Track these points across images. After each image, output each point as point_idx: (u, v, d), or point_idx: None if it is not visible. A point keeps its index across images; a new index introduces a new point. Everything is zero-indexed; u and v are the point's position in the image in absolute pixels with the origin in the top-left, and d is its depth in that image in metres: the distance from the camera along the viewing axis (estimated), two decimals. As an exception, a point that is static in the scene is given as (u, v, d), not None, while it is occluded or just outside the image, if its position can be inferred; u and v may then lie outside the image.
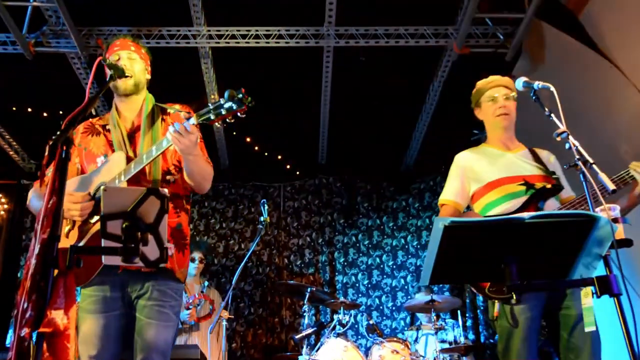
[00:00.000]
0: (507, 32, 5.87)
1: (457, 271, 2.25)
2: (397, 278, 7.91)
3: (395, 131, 7.69)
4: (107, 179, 2.82)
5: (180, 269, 2.94)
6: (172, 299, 2.89)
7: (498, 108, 3.39)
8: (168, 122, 3.09)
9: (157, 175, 2.92)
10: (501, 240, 2.13)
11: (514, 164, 3.33)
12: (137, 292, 2.84)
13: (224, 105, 2.52)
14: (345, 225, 8.33)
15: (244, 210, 8.41)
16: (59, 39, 5.92)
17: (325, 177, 8.51)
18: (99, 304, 2.81)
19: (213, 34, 5.93)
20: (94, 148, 3.04)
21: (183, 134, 2.61)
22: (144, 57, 3.19)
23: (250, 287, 8.04)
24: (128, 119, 3.11)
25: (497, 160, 3.37)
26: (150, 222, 2.02)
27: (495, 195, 3.27)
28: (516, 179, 3.24)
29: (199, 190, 3.06)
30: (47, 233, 1.85)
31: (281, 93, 6.87)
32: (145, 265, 2.04)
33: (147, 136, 3.00)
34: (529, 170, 3.28)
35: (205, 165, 2.97)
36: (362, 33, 5.92)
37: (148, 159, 2.73)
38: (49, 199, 1.92)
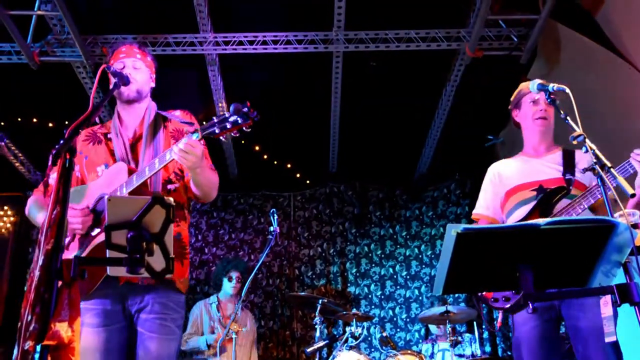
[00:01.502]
0: (521, 34, 5.84)
1: (471, 280, 2.23)
2: (410, 289, 7.87)
3: (407, 137, 7.67)
4: (108, 191, 2.83)
5: (181, 279, 2.95)
6: (174, 312, 2.89)
7: (539, 111, 3.38)
8: (169, 129, 3.10)
9: (157, 184, 2.93)
10: (516, 248, 2.11)
11: (535, 169, 3.34)
12: (137, 305, 2.84)
13: (229, 119, 2.54)
14: (357, 235, 8.31)
15: (254, 221, 8.41)
16: (64, 48, 5.97)
17: (336, 186, 8.50)
18: (100, 318, 2.82)
19: (220, 40, 5.95)
20: (94, 157, 3.05)
21: (188, 150, 2.62)
22: (149, 65, 3.21)
23: (261, 299, 8.04)
24: (130, 127, 3.11)
25: (521, 167, 3.39)
26: (155, 232, 2.02)
27: (512, 203, 3.30)
28: (531, 184, 3.26)
29: (205, 200, 3.08)
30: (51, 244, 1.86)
31: (290, 100, 6.88)
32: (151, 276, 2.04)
33: (149, 145, 3.01)
34: (547, 175, 3.28)
35: (211, 175, 2.98)
36: (372, 37, 5.92)
37: (150, 171, 2.75)
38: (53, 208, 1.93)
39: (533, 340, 2.97)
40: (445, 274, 2.12)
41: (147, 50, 3.25)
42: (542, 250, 2.13)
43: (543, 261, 2.14)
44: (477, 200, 3.54)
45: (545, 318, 3.02)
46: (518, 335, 3.05)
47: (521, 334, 3.02)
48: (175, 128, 3.10)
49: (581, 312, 2.98)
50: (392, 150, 7.84)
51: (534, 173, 3.32)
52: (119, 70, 3.02)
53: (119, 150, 3.01)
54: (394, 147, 7.78)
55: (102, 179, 2.94)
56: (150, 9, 5.81)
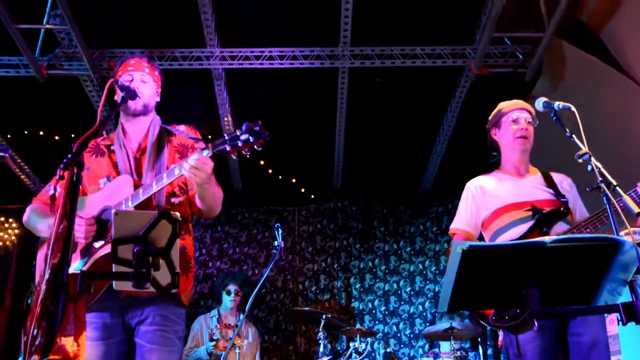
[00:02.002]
0: (526, 52, 5.86)
1: (477, 297, 2.23)
2: (415, 304, 7.85)
3: (412, 153, 7.68)
4: (112, 203, 2.82)
5: (185, 292, 2.94)
6: (175, 324, 2.88)
7: (519, 130, 3.40)
8: (174, 143, 3.10)
9: (161, 197, 2.92)
10: (522, 265, 2.11)
11: (524, 189, 3.34)
12: (138, 318, 2.83)
13: (240, 137, 2.53)
14: (362, 250, 8.30)
15: (258, 235, 8.42)
16: (72, 62, 6.01)
17: (341, 201, 8.51)
18: (99, 331, 2.80)
19: (226, 55, 5.98)
20: (97, 169, 3.04)
21: (199, 167, 2.62)
22: (157, 79, 3.21)
23: (264, 314, 8.02)
24: (134, 140, 3.11)
25: (507, 186, 3.40)
26: (161, 247, 2.02)
27: (503, 221, 3.30)
28: (524, 204, 3.26)
29: (209, 215, 3.07)
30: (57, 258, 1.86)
31: (295, 115, 6.90)
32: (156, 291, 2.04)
33: (154, 159, 3.01)
34: (538, 196, 3.30)
35: (218, 190, 2.98)
36: (378, 53, 5.95)
37: (158, 186, 2.74)
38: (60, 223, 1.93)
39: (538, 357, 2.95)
40: (451, 291, 2.12)
41: (155, 64, 3.26)
42: (548, 268, 2.12)
43: (549, 279, 2.14)
44: (457, 214, 3.54)
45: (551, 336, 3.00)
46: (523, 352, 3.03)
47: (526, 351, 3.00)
48: (180, 143, 3.11)
49: (583, 328, 2.98)
50: (397, 166, 7.85)
51: (524, 193, 3.32)
52: (127, 83, 3.03)
53: (122, 163, 3.01)
54: (399, 162, 7.79)
55: (105, 191, 2.93)
56: (158, 24, 5.85)
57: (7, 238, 8.26)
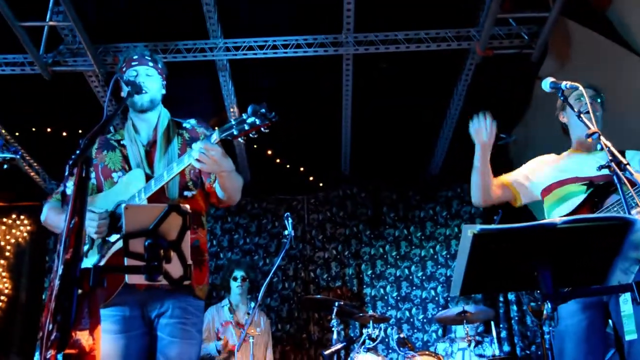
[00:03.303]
0: (531, 32, 5.81)
1: (489, 281, 2.22)
2: (427, 289, 7.86)
3: (419, 138, 7.66)
4: (126, 197, 2.84)
5: (199, 285, 2.96)
6: (194, 316, 2.91)
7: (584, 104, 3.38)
8: (185, 136, 3.11)
9: (175, 191, 2.93)
10: (533, 247, 2.10)
11: (584, 164, 3.34)
12: (157, 311, 2.86)
13: (247, 121, 2.51)
14: (372, 237, 8.30)
15: (268, 225, 8.43)
16: (76, 58, 6.01)
17: (350, 188, 8.50)
18: (119, 324, 2.82)
19: (230, 46, 5.97)
20: (110, 163, 3.07)
21: (206, 153, 2.61)
22: (161, 72, 3.22)
23: (277, 303, 8.05)
24: (144, 135, 3.13)
25: (569, 161, 3.41)
26: (172, 239, 2.03)
27: (558, 195, 3.32)
28: (581, 179, 3.25)
29: (229, 203, 3.09)
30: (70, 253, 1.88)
31: (301, 103, 6.88)
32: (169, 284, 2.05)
33: (164, 151, 3.02)
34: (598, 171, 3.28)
35: (238, 178, 2.99)
36: (382, 39, 5.91)
37: (169, 175, 2.75)
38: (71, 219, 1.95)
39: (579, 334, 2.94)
40: (463, 275, 2.11)
41: (158, 58, 3.27)
42: (560, 249, 2.11)
43: (561, 260, 2.13)
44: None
45: (592, 312, 2.99)
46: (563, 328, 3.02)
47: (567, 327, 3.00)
48: (192, 136, 3.11)
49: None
50: (405, 151, 7.84)
51: (584, 168, 3.31)
52: (132, 78, 3.03)
53: (133, 156, 3.03)
54: (406, 148, 7.77)
55: (120, 185, 2.96)
56: (160, 16, 5.84)
57: (20, 235, 8.31)
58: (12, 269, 8.16)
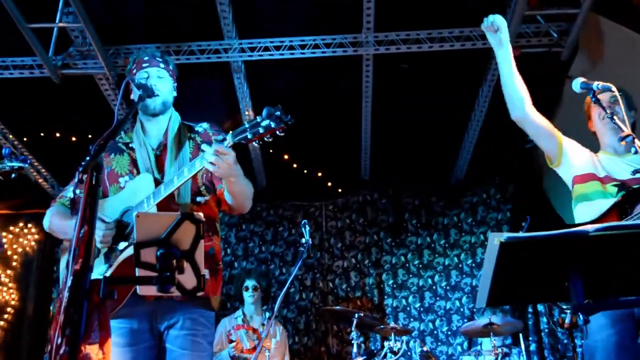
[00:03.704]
0: (561, 29, 5.78)
1: (517, 291, 2.20)
2: (451, 300, 7.81)
3: (443, 141, 7.63)
4: (134, 203, 2.84)
5: (214, 295, 2.96)
6: (205, 328, 2.91)
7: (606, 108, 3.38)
8: (197, 140, 3.12)
9: (186, 196, 2.93)
10: (564, 256, 2.08)
11: (617, 166, 3.32)
12: (167, 322, 2.86)
13: (261, 124, 2.51)
14: (393, 245, 8.27)
15: (284, 232, 8.43)
16: (86, 60, 6.07)
17: (370, 194, 8.48)
18: (127, 337, 2.83)
19: (245, 47, 5.99)
20: (117, 167, 3.08)
21: (220, 156, 2.62)
22: (172, 74, 3.23)
23: (294, 315, 8.04)
24: (154, 138, 3.14)
25: (602, 158, 3.38)
26: (185, 249, 2.03)
27: (590, 188, 3.29)
28: (614, 180, 3.23)
29: (239, 211, 3.09)
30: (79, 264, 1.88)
31: (319, 106, 6.89)
32: (182, 294, 2.06)
33: (175, 156, 3.03)
34: (630, 174, 3.25)
35: (247, 185, 2.98)
36: (403, 38, 5.91)
37: (180, 180, 2.75)
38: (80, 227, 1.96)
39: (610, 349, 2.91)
40: (489, 285, 2.09)
41: (169, 59, 3.28)
42: (593, 259, 2.09)
43: (594, 269, 2.11)
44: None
45: (622, 326, 2.96)
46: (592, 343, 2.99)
47: (596, 342, 2.97)
48: (204, 140, 3.12)
49: None
50: (427, 155, 7.81)
51: (616, 169, 3.29)
52: (144, 80, 3.05)
53: (142, 160, 3.03)
54: (429, 151, 7.74)
55: (126, 191, 2.96)
56: (173, 17, 5.89)
57: (27, 244, 8.37)
58: (19, 280, 8.21)
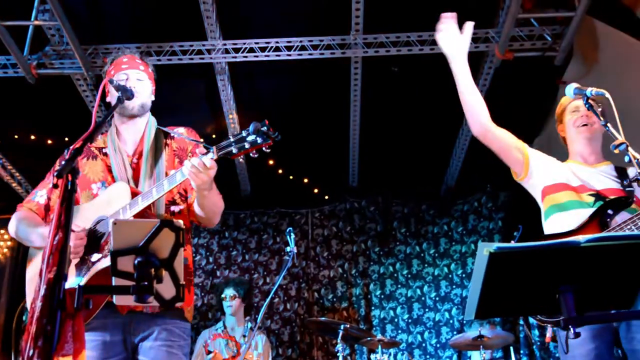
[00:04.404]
0: (555, 33, 5.82)
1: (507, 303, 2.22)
2: (440, 311, 7.83)
3: (433, 148, 7.65)
4: (108, 212, 2.83)
5: (188, 307, 2.97)
6: (181, 339, 2.91)
7: (580, 117, 3.41)
8: (172, 146, 3.12)
9: (161, 206, 2.93)
10: (555, 267, 2.10)
11: (590, 176, 3.34)
12: (141, 334, 2.85)
13: (247, 139, 2.53)
14: (381, 254, 8.29)
15: (269, 240, 8.42)
16: (63, 60, 6.04)
17: (357, 201, 8.49)
18: (99, 350, 2.81)
19: (229, 47, 5.99)
20: (89, 173, 3.05)
21: (202, 170, 2.62)
22: (151, 77, 3.24)
23: (278, 326, 8.03)
24: (129, 143, 3.13)
25: (574, 168, 3.40)
26: (164, 257, 2.03)
27: (564, 197, 3.29)
28: (588, 189, 3.25)
29: (207, 225, 3.10)
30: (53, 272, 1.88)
31: (306, 110, 6.89)
32: (160, 305, 2.06)
33: (151, 164, 3.02)
34: (604, 184, 3.28)
35: (218, 199, 2.98)
36: (393, 40, 5.93)
37: (158, 193, 2.75)
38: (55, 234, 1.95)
39: None
40: (478, 297, 2.11)
41: (148, 61, 3.28)
42: (584, 270, 2.11)
43: (585, 281, 2.13)
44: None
45: (602, 341, 2.99)
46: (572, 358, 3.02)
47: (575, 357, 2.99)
48: (179, 146, 3.12)
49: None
50: (417, 162, 7.83)
51: (590, 179, 3.32)
52: (122, 82, 3.05)
53: (117, 167, 3.01)
54: (419, 158, 7.76)
55: (100, 199, 2.94)
56: (155, 16, 5.88)
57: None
58: (-10, 288, 8.15)
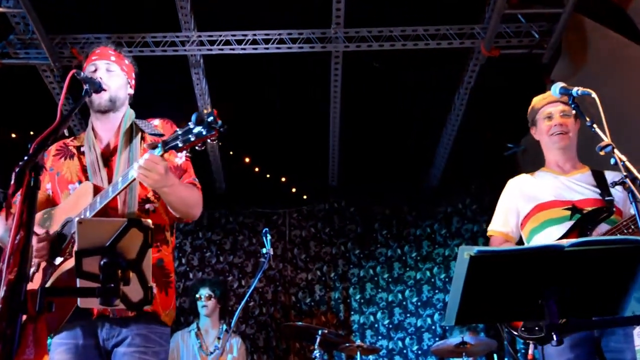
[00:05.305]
0: (543, 30, 5.86)
1: (488, 309, 2.23)
2: (422, 317, 7.86)
3: (416, 147, 7.68)
4: (74, 214, 2.80)
5: (165, 310, 2.93)
6: (157, 344, 2.87)
7: (554, 126, 3.41)
8: (147, 140, 3.09)
9: (133, 204, 2.89)
10: (538, 272, 2.11)
11: (565, 187, 3.35)
12: (115, 339, 2.83)
13: (193, 131, 2.49)
14: (361, 257, 8.30)
15: (244, 242, 8.41)
16: (28, 49, 5.99)
17: (337, 201, 8.51)
18: (71, 354, 2.79)
19: (204, 40, 5.97)
20: (66, 173, 3.03)
21: (149, 168, 2.59)
22: (127, 68, 3.19)
23: (253, 330, 8.02)
24: (104, 139, 3.10)
25: (547, 183, 3.41)
26: (132, 258, 2.02)
27: (538, 220, 3.32)
28: (564, 203, 3.27)
29: (187, 219, 3.06)
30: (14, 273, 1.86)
31: (284, 106, 6.89)
32: (126, 308, 2.04)
33: (124, 159, 3.00)
34: (581, 194, 3.30)
35: (187, 192, 2.94)
36: (376, 35, 5.94)
37: (114, 192, 2.70)
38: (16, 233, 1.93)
39: None
40: (459, 302, 2.12)
41: (124, 53, 3.24)
42: (568, 275, 2.12)
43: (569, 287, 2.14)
44: (493, 216, 3.57)
45: (581, 350, 3.01)
46: None
47: None
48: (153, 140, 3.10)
49: (625, 344, 2.99)
50: (400, 161, 7.85)
51: (565, 191, 3.33)
52: (90, 74, 3.02)
53: (91, 166, 2.99)
54: (402, 157, 7.79)
55: (68, 201, 2.92)
56: (126, 5, 5.84)
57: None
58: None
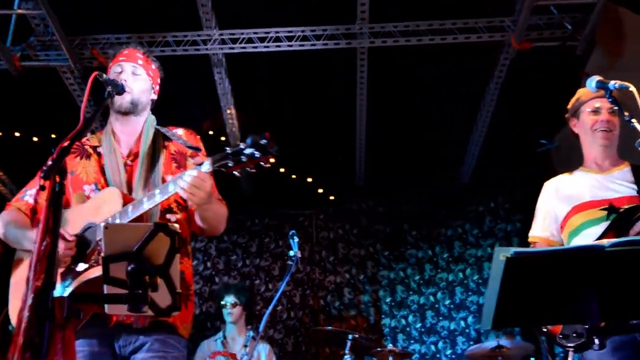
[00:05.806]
0: (576, 21, 5.80)
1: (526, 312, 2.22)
2: (455, 320, 7.82)
3: (446, 144, 7.64)
4: (97, 219, 2.81)
5: (184, 324, 2.95)
6: (175, 350, 2.89)
7: (600, 122, 3.37)
8: (170, 149, 3.10)
9: (156, 214, 2.92)
10: (577, 274, 2.09)
11: (603, 186, 3.33)
12: (132, 345, 2.85)
13: (244, 152, 2.50)
14: (391, 258, 8.27)
15: (270, 244, 8.42)
16: (49, 51, 6.04)
17: (365, 201, 8.49)
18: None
19: (226, 38, 5.99)
20: (82, 173, 3.06)
21: (198, 185, 2.61)
22: (153, 74, 3.21)
23: (281, 335, 8.03)
24: (124, 144, 3.12)
25: (584, 182, 3.39)
26: (159, 264, 2.03)
27: (576, 222, 3.29)
28: (601, 202, 3.23)
29: (211, 234, 3.11)
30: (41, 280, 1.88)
31: (309, 105, 6.89)
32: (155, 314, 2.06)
33: (146, 168, 3.01)
34: (619, 193, 3.26)
35: (219, 208, 2.98)
36: (402, 30, 5.91)
37: (150, 204, 2.73)
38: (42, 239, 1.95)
39: None
40: (495, 305, 2.10)
41: (152, 58, 3.27)
42: (609, 276, 2.10)
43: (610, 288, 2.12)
44: (533, 221, 3.54)
45: (624, 354, 2.97)
46: None
47: None
48: (177, 150, 3.10)
49: None
50: (429, 159, 7.81)
51: (602, 190, 3.30)
52: (115, 75, 3.04)
53: (111, 170, 3.01)
54: (431, 155, 7.75)
55: (90, 204, 2.93)
56: (147, 4, 5.86)
57: (-18, 256, 8.31)
58: (-26, 295, 8.15)
